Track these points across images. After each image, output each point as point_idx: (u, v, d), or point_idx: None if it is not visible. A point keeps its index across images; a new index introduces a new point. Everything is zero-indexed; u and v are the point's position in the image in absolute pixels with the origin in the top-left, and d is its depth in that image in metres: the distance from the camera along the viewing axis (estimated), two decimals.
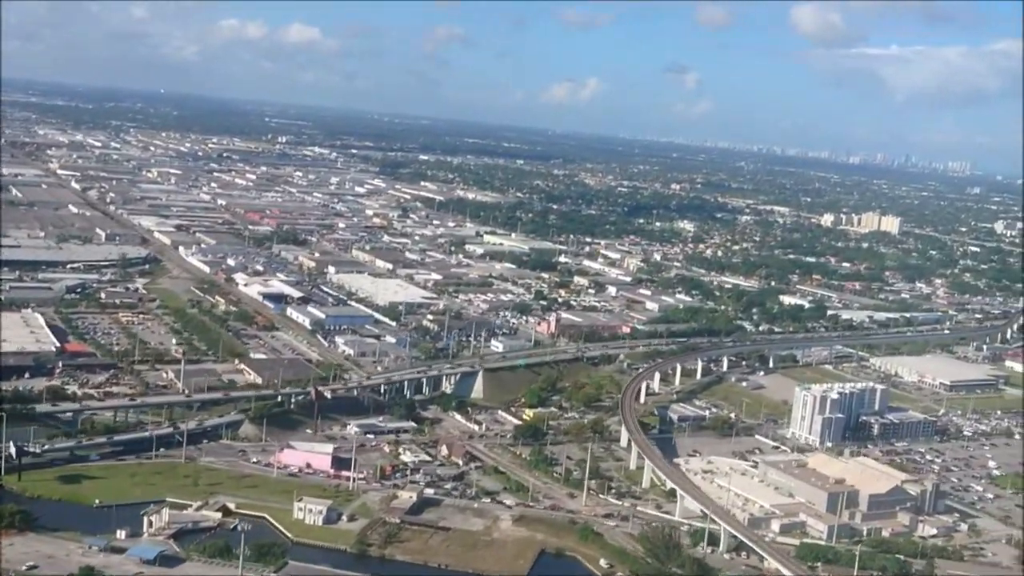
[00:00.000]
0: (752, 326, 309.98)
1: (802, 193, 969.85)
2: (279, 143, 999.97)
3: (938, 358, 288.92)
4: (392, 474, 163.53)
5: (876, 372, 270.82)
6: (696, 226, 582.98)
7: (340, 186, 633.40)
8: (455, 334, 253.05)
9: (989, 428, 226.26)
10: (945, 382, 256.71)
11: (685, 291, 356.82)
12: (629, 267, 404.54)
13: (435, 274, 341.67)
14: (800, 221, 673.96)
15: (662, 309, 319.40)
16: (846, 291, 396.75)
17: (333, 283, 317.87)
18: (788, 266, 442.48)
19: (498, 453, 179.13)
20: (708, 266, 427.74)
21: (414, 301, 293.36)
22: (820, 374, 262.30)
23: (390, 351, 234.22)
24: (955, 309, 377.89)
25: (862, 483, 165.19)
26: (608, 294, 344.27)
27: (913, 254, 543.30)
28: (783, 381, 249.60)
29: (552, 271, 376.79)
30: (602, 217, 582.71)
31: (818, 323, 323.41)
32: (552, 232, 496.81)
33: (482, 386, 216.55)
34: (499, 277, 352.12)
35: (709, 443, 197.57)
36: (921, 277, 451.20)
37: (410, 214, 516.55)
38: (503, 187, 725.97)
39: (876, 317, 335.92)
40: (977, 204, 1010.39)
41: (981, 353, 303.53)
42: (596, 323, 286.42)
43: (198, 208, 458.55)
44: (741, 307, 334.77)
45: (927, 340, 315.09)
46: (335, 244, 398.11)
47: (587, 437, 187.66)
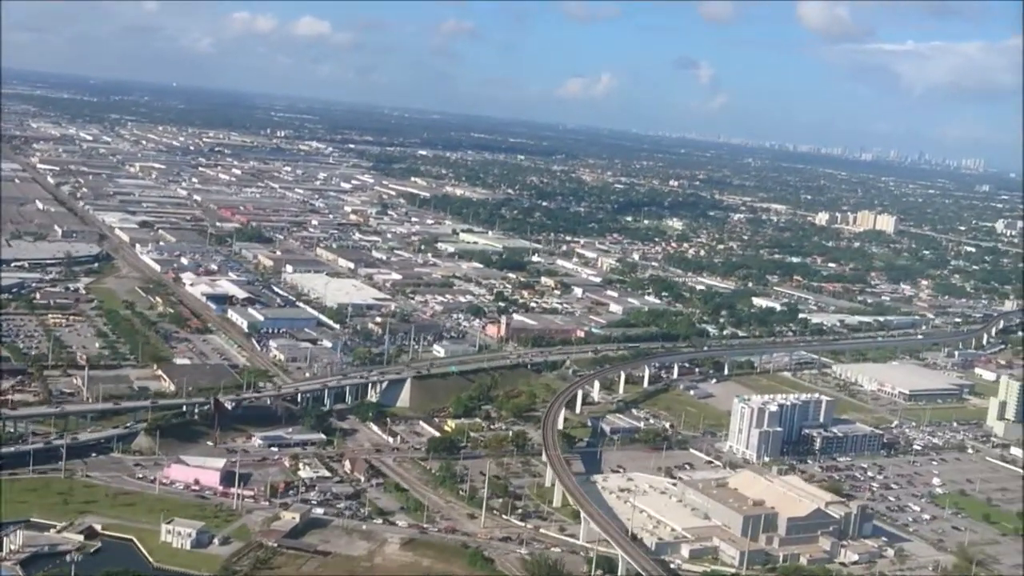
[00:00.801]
0: (717, 330, 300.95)
1: (805, 190, 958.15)
2: (276, 137, 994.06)
3: (903, 365, 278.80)
4: (285, 491, 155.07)
5: (836, 380, 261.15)
6: (685, 224, 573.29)
7: (326, 182, 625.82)
8: (399, 337, 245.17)
9: (942, 441, 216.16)
10: (905, 391, 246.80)
11: (655, 293, 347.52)
12: (602, 267, 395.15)
13: (396, 274, 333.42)
14: (794, 219, 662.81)
15: (626, 312, 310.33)
16: (825, 293, 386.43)
17: (286, 283, 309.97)
18: (770, 266, 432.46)
19: (406, 468, 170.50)
20: (687, 266, 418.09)
21: (364, 303, 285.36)
22: (777, 382, 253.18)
23: (323, 356, 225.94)
24: (935, 312, 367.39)
25: (783, 505, 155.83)
26: (574, 295, 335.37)
27: (904, 254, 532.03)
28: (735, 390, 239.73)
29: (521, 271, 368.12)
30: (589, 214, 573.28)
31: (787, 327, 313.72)
32: (533, 230, 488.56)
33: (409, 394, 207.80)
34: (463, 277, 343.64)
35: (639, 457, 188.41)
36: (907, 278, 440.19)
37: (389, 211, 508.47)
38: (495, 183, 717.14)
39: (847, 321, 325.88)
40: (983, 202, 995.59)
41: (952, 360, 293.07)
42: (550, 327, 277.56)
43: (170, 204, 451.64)
44: (710, 310, 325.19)
45: (897, 345, 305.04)
46: (301, 242, 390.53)
47: (505, 451, 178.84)
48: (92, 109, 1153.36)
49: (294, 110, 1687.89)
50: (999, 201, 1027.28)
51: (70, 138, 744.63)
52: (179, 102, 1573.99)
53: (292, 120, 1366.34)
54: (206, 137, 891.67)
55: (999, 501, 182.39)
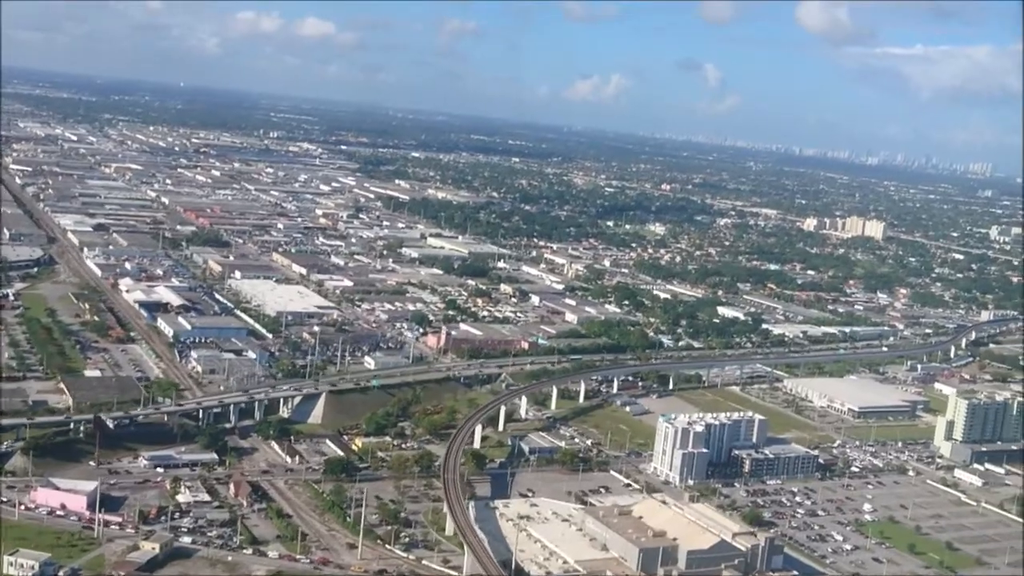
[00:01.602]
0: (672, 341, 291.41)
1: (802, 195, 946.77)
2: (268, 138, 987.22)
3: (858, 380, 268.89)
4: (156, 517, 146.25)
5: (786, 395, 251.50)
6: (668, 229, 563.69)
7: (306, 184, 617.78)
8: (332, 348, 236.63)
9: (883, 463, 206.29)
10: (854, 408, 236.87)
11: (617, 301, 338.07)
12: (568, 274, 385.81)
13: (348, 281, 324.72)
14: (783, 225, 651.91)
15: (581, 321, 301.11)
16: (796, 302, 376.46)
17: (230, 290, 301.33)
18: (744, 274, 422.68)
19: (297, 492, 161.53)
20: (658, 273, 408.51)
21: (305, 311, 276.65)
22: (723, 397, 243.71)
23: (244, 368, 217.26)
24: (907, 323, 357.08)
25: (685, 536, 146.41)
26: (530, 304, 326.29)
27: (888, 261, 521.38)
28: (677, 406, 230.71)
29: (482, 278, 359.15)
30: (570, 219, 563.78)
31: (747, 338, 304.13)
32: (508, 235, 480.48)
33: (323, 410, 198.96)
34: (418, 284, 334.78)
35: (555, 480, 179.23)
36: (885, 287, 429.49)
37: (362, 214, 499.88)
38: (482, 186, 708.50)
39: (811, 332, 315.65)
40: (983, 208, 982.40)
41: (913, 373, 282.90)
42: (493, 337, 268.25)
43: (134, 207, 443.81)
44: (669, 320, 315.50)
45: (859, 358, 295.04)
46: (260, 246, 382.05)
47: (408, 473, 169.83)
48: (88, 109, 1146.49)
49: (296, 111, 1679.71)
50: (999, 207, 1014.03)
51: (54, 138, 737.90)
52: (179, 102, 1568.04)
53: (290, 121, 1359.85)
54: (195, 138, 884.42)
55: (930, 529, 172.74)
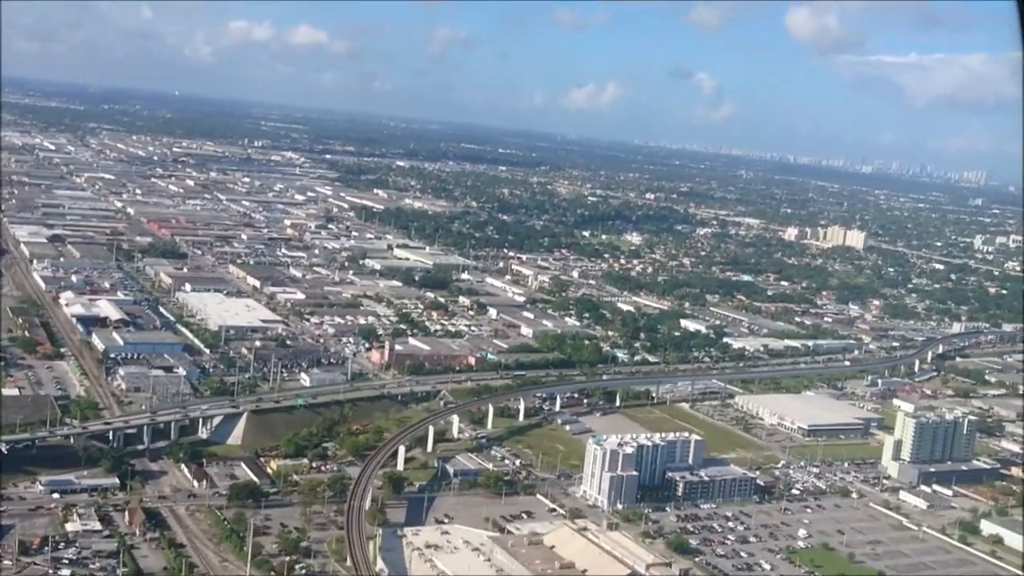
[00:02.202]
0: (628, 356, 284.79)
1: (789, 204, 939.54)
2: (252, 147, 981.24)
3: (814, 397, 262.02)
4: (39, 548, 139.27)
5: (737, 412, 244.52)
6: (645, 239, 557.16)
7: (280, 193, 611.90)
8: (272, 364, 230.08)
9: (826, 485, 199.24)
10: (803, 426, 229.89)
11: (578, 314, 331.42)
12: (532, 286, 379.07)
13: (301, 293, 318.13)
14: (764, 234, 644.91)
15: (536, 335, 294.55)
16: (764, 314, 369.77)
17: (177, 303, 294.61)
18: (714, 285, 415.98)
19: (198, 519, 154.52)
20: (626, 284, 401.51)
21: (249, 325, 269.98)
22: (670, 414, 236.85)
23: (171, 385, 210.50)
24: (875, 335, 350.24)
25: (596, 568, 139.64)
26: (487, 317, 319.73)
27: (866, 272, 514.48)
28: (620, 424, 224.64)
29: (442, 290, 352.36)
30: (546, 229, 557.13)
31: (705, 352, 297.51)
32: (479, 245, 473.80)
33: (243, 431, 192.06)
34: (375, 297, 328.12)
35: (476, 504, 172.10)
36: (858, 298, 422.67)
37: (331, 224, 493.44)
38: (461, 196, 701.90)
39: (772, 346, 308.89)
40: (971, 216, 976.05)
41: (873, 389, 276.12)
42: (439, 352, 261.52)
43: (96, 217, 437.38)
44: (628, 333, 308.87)
45: (818, 373, 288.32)
46: (218, 258, 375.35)
47: (319, 498, 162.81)
48: (74, 118, 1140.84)
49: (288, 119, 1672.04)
50: (988, 215, 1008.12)
51: (31, 147, 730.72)
52: (169, 111, 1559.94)
53: (278, 130, 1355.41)
54: (177, 147, 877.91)
55: (865, 557, 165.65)
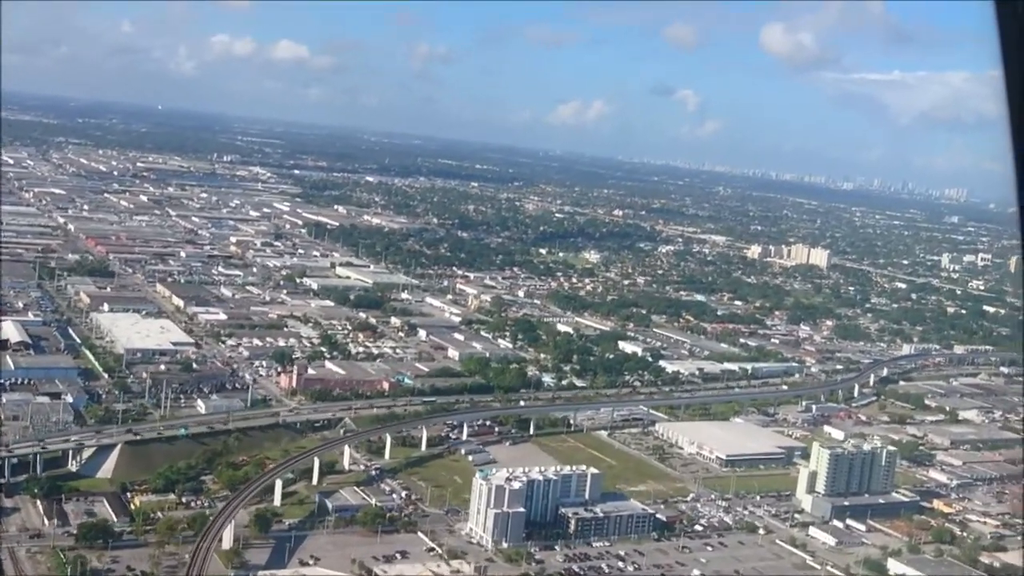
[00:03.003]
0: (555, 380, 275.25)
1: (761, 221, 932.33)
2: (220, 162, 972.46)
3: (740, 424, 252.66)
4: None
5: (657, 440, 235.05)
6: (604, 257, 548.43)
7: (236, 209, 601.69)
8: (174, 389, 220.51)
9: (734, 520, 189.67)
10: (722, 456, 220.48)
11: (512, 336, 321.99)
12: (472, 306, 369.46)
13: (223, 314, 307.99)
14: (727, 252, 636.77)
15: (463, 358, 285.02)
16: (709, 335, 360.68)
17: (89, 324, 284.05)
18: (662, 305, 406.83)
19: (37, 562, 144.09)
20: (571, 304, 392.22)
21: (159, 348, 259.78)
22: (585, 443, 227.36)
23: (52, 413, 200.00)
24: (820, 357, 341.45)
25: None
26: (418, 338, 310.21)
27: (825, 291, 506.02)
28: (530, 454, 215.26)
29: (376, 310, 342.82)
30: (502, 246, 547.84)
31: (638, 376, 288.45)
32: (430, 263, 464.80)
33: (114, 464, 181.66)
34: (302, 317, 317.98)
35: (352, 544, 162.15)
36: (811, 318, 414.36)
37: (279, 241, 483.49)
38: (424, 212, 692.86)
39: (707, 369, 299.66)
40: (944, 234, 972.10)
41: (806, 415, 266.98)
42: (353, 377, 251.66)
43: (31, 234, 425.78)
44: (560, 356, 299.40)
45: (752, 398, 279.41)
46: (148, 276, 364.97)
47: (175, 539, 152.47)
48: (45, 131, 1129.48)
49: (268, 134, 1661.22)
50: (963, 233, 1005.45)
51: None
52: (146, 125, 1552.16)
53: (254, 144, 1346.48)
54: (142, 161, 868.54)
55: None
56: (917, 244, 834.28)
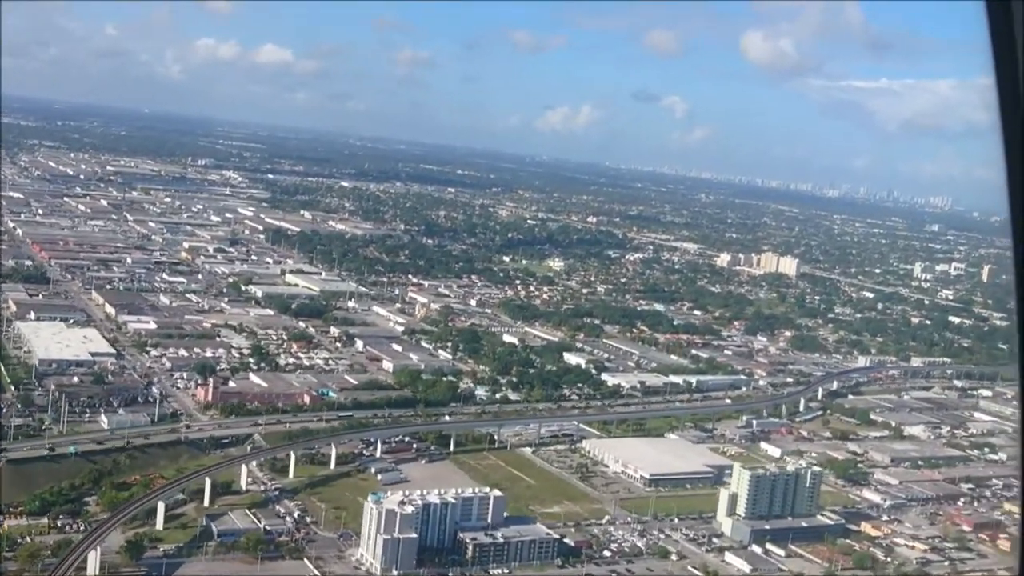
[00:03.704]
0: (489, 394, 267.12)
1: (739, 228, 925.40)
2: (194, 166, 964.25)
3: (672, 440, 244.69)
4: None
5: (584, 457, 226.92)
6: (568, 264, 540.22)
7: (197, 214, 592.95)
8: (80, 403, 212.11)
9: (646, 544, 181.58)
10: (646, 475, 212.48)
11: (453, 347, 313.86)
12: (418, 316, 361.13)
13: (153, 322, 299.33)
14: (696, 260, 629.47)
15: (396, 370, 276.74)
16: (660, 346, 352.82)
17: (9, 334, 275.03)
18: (618, 315, 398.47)
19: None
20: (524, 314, 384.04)
21: (75, 359, 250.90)
22: (506, 461, 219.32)
23: None
24: (772, 370, 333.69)
25: None
26: (354, 349, 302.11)
27: (789, 300, 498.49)
28: (445, 472, 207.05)
29: (319, 319, 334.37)
30: (465, 253, 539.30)
31: (578, 389, 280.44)
32: (387, 270, 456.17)
33: None
34: (236, 327, 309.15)
35: (231, 572, 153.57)
36: (770, 329, 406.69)
37: (234, 247, 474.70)
38: (392, 218, 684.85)
39: (649, 383, 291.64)
40: (922, 243, 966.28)
41: (745, 431, 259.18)
42: (274, 390, 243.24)
43: None
44: (499, 368, 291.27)
45: (694, 412, 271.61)
46: (87, 283, 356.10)
47: (33, 568, 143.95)
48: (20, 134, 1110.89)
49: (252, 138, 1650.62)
50: (941, 242, 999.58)
51: None
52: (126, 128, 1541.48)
53: (234, 148, 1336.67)
54: (113, 165, 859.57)
55: None
56: (893, 253, 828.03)
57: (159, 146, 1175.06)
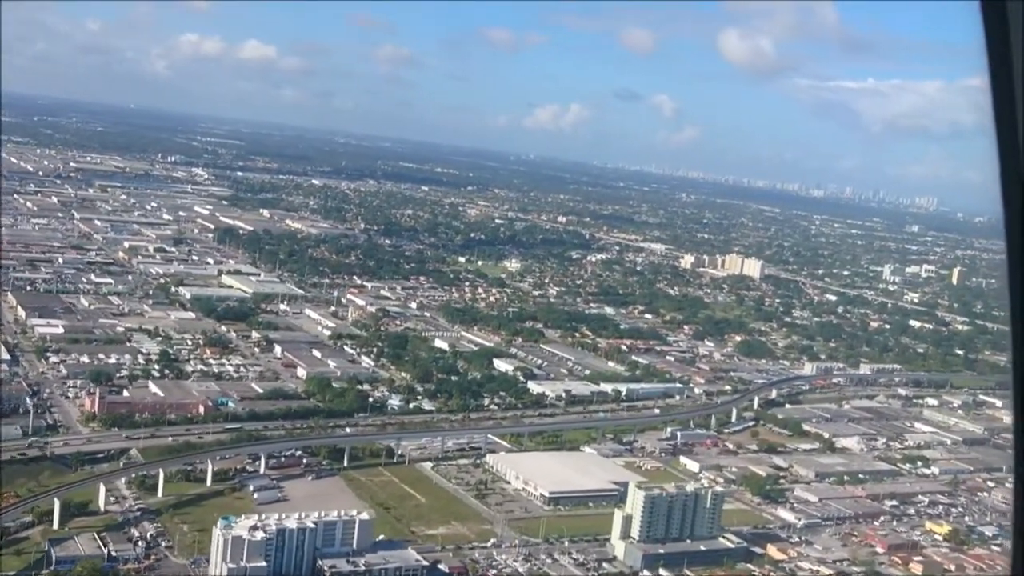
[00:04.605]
0: (403, 403, 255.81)
1: (714, 229, 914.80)
2: (163, 162, 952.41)
3: (585, 455, 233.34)
4: None
5: (488, 473, 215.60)
6: (525, 265, 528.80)
7: (150, 212, 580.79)
8: None
9: (528, 570, 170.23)
10: (545, 492, 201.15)
11: (378, 353, 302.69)
12: (349, 319, 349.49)
13: (61, 327, 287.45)
14: (660, 261, 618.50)
15: (310, 377, 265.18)
16: (599, 352, 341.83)
17: None
18: (562, 319, 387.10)
19: None
20: (463, 317, 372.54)
21: None
22: (402, 476, 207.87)
23: None
24: (712, 377, 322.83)
25: None
26: (272, 355, 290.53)
27: (747, 303, 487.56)
28: (331, 491, 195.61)
29: (243, 322, 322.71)
30: (420, 253, 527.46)
31: (500, 398, 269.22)
32: (334, 271, 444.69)
33: None
34: (151, 331, 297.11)
35: None
36: (720, 333, 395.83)
37: (178, 247, 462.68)
38: (353, 217, 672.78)
39: (576, 392, 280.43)
40: (898, 243, 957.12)
41: (668, 443, 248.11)
42: (168, 400, 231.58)
43: None
44: (419, 375, 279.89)
45: (618, 423, 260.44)
46: (3, 284, 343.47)
47: None
48: None
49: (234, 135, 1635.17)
50: (919, 243, 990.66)
51: None
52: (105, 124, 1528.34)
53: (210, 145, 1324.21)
54: (78, 161, 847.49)
55: None
56: (866, 254, 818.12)
57: (133, 143, 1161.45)
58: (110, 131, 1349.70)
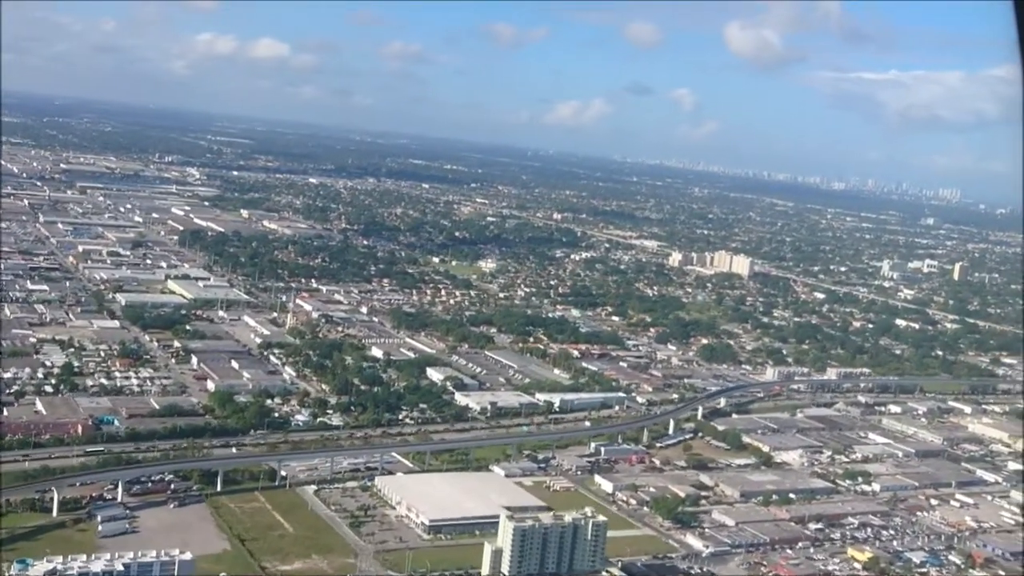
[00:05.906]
0: (310, 418, 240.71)
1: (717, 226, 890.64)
2: (159, 163, 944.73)
3: (488, 475, 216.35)
4: None
5: (376, 497, 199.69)
6: (502, 265, 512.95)
7: (122, 214, 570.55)
8: None
9: None
10: (426, 520, 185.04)
11: (302, 363, 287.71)
12: (287, 326, 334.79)
13: None
14: (648, 260, 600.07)
15: (216, 390, 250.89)
16: (547, 358, 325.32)
17: None
18: (520, 322, 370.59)
19: None
20: (413, 322, 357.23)
21: None
22: (277, 503, 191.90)
23: None
24: (662, 385, 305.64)
25: None
26: (188, 366, 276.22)
27: (728, 302, 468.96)
28: (192, 520, 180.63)
29: (169, 330, 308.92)
30: (391, 255, 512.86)
31: (420, 412, 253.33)
32: (294, 273, 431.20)
33: None
34: (65, 342, 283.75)
35: None
36: (687, 336, 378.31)
37: (135, 251, 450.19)
38: (337, 217, 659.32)
39: (503, 403, 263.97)
40: (909, 237, 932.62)
41: (590, 459, 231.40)
42: (47, 419, 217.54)
43: None
44: (339, 388, 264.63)
45: (540, 438, 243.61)
46: None
47: None
48: None
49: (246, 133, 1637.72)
50: (931, 236, 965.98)
51: None
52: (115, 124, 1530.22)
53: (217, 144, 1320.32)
54: (69, 162, 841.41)
55: None
56: (871, 248, 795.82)
57: (136, 143, 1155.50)
58: (118, 131, 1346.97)
